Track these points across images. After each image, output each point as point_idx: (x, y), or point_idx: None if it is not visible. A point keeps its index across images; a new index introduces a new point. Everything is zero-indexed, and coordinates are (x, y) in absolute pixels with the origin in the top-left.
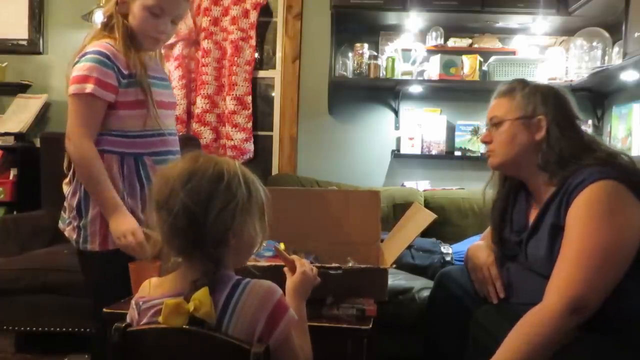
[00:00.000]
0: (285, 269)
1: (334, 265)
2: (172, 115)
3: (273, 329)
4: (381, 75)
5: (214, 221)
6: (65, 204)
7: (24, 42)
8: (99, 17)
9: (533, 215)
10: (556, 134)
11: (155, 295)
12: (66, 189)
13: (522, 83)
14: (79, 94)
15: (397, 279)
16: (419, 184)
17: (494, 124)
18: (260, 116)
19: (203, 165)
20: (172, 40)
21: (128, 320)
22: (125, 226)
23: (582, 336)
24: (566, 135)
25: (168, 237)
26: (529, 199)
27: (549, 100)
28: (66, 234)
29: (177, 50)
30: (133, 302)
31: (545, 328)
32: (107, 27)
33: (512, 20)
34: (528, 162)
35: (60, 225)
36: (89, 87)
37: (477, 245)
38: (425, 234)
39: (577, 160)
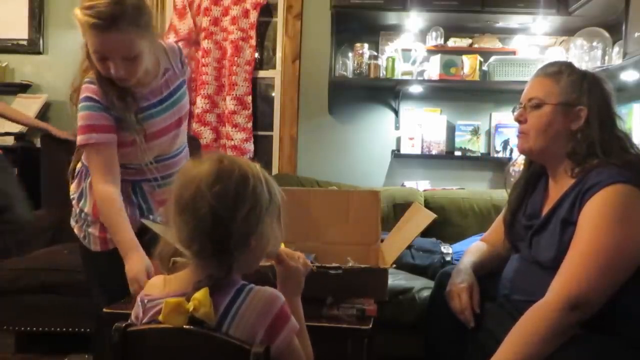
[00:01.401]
0: (273, 262)
1: (334, 265)
2: (174, 136)
3: (273, 338)
4: (381, 75)
5: (239, 225)
6: (73, 203)
7: (24, 42)
8: None
9: (547, 205)
10: (595, 127)
11: (160, 294)
12: (73, 190)
13: (570, 68)
14: (85, 145)
15: (397, 279)
16: (419, 184)
17: (533, 105)
18: (260, 116)
19: (228, 168)
20: (172, 40)
21: (132, 316)
22: (135, 269)
23: (584, 336)
24: (603, 130)
25: (188, 239)
26: (547, 187)
27: (594, 92)
28: (75, 230)
29: None
30: (138, 298)
31: (544, 323)
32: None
33: (512, 20)
34: (557, 149)
35: (71, 222)
36: (91, 138)
37: (457, 270)
38: (425, 234)
39: (604, 155)
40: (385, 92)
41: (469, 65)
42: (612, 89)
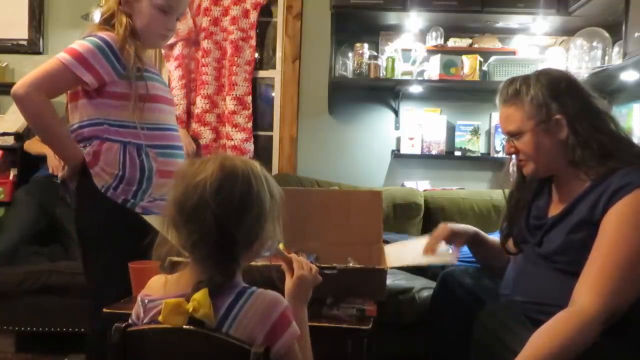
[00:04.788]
0: (284, 266)
1: (328, 265)
2: (172, 112)
3: (273, 343)
4: (381, 75)
5: (244, 232)
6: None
7: (24, 42)
8: (97, 17)
9: (554, 209)
10: (584, 127)
11: (160, 294)
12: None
13: (526, 83)
14: (56, 58)
15: (397, 279)
16: (419, 184)
17: (514, 136)
18: (260, 116)
19: (231, 172)
20: (172, 40)
21: (133, 315)
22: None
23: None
24: (595, 126)
25: (193, 246)
26: (551, 191)
27: (559, 95)
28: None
29: (177, 50)
30: (139, 298)
31: (581, 333)
32: (108, 23)
33: (512, 20)
34: (559, 161)
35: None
36: (65, 56)
37: None
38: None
39: (619, 153)
40: (385, 92)
41: (468, 65)
42: (574, 78)
